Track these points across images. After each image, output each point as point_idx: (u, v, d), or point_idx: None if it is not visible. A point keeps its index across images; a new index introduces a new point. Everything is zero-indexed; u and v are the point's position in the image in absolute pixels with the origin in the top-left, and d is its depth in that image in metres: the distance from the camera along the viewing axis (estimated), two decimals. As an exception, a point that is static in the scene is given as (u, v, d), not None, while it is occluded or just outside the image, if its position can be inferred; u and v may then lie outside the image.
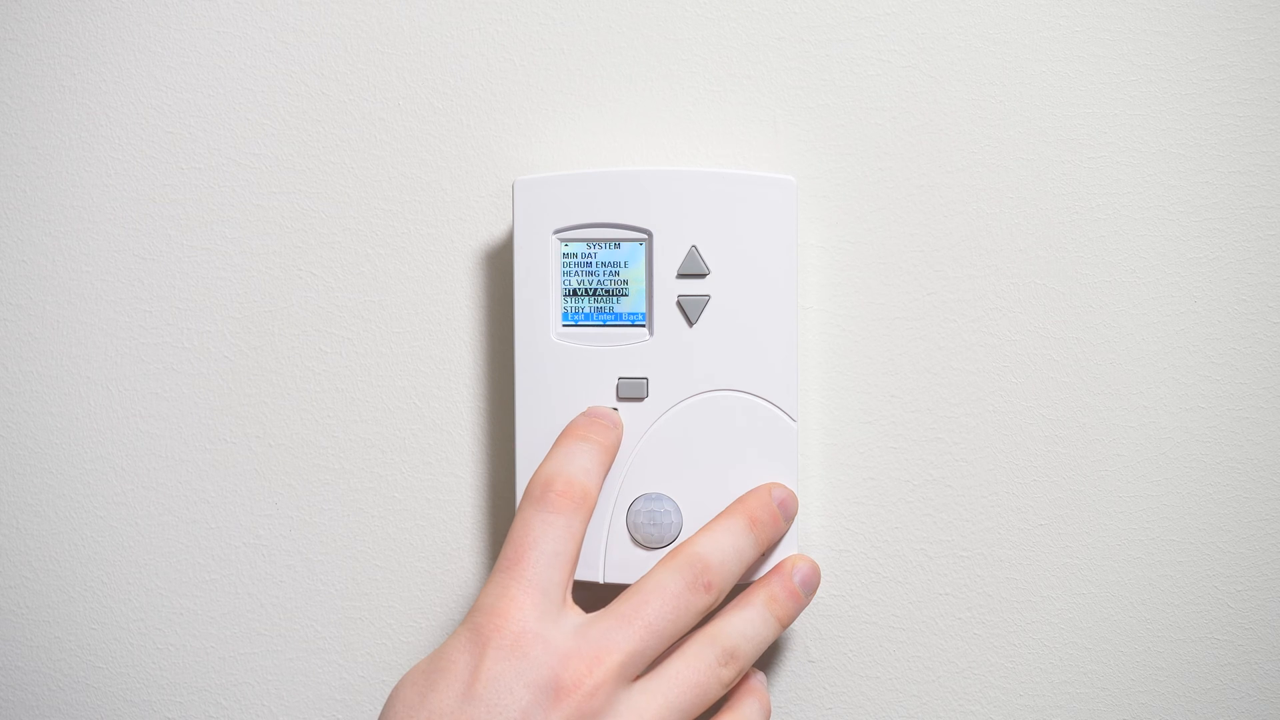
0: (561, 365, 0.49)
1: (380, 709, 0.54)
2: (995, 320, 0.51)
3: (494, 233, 0.52)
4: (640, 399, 0.48)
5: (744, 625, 0.46)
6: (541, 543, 0.44)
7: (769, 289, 0.48)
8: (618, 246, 0.49)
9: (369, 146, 0.53)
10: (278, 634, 0.54)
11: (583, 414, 0.48)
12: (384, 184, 0.53)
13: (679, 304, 0.48)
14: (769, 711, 0.48)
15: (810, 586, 0.48)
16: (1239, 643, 0.51)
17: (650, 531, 0.48)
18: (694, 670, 0.44)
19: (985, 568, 0.51)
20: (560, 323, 0.49)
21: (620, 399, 0.49)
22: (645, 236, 0.49)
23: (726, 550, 0.46)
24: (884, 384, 0.51)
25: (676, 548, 0.46)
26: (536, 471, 0.46)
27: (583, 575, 0.49)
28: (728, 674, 0.45)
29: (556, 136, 0.52)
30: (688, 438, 0.48)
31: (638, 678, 0.44)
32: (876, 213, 0.51)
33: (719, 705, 0.48)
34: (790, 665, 0.52)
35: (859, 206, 0.51)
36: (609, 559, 0.49)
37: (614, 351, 0.49)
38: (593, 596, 0.49)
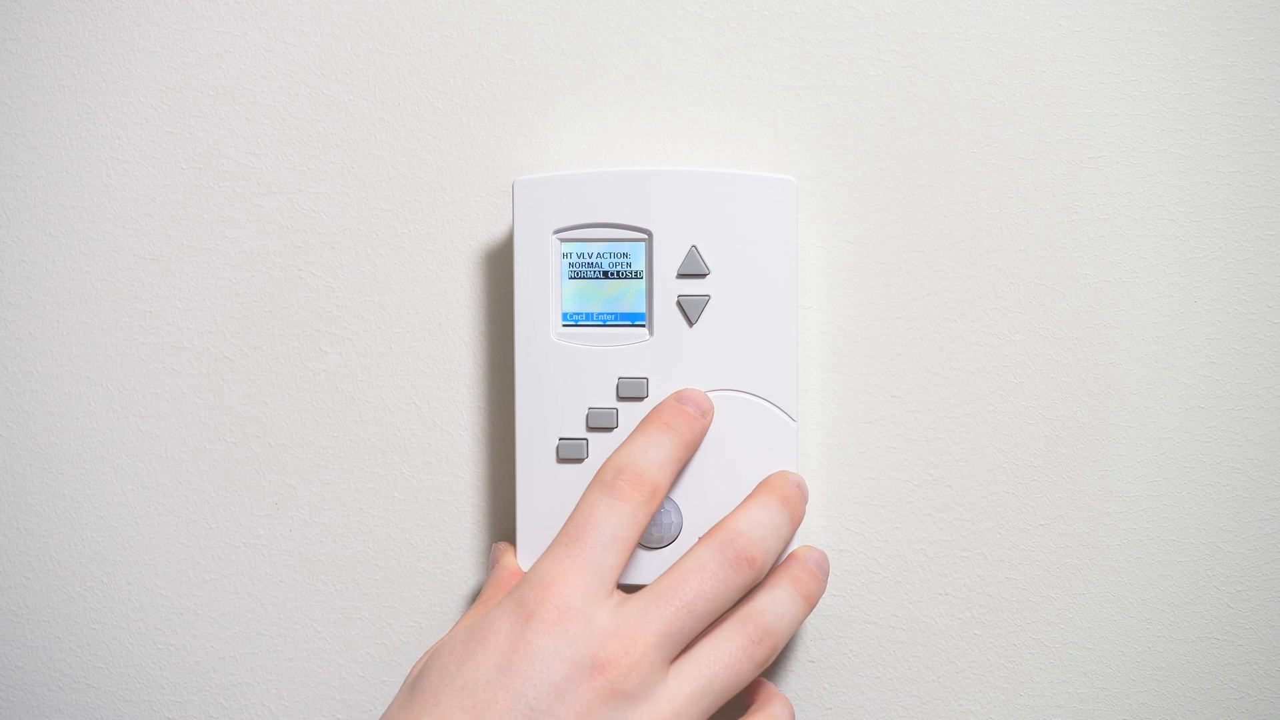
0: (561, 365, 0.49)
1: (395, 683, 0.54)
2: (995, 320, 0.51)
3: (494, 233, 0.52)
4: (640, 399, 0.48)
5: (774, 604, 0.46)
6: (603, 525, 0.44)
7: (769, 289, 0.48)
8: (618, 246, 0.49)
9: (369, 146, 0.53)
10: (278, 634, 0.54)
11: (674, 396, 0.48)
12: (384, 184, 0.53)
13: (679, 304, 0.48)
14: (793, 716, 0.48)
15: (825, 570, 0.48)
16: (1239, 643, 0.51)
17: (650, 531, 0.48)
18: (727, 652, 0.44)
19: (985, 568, 0.51)
20: (560, 322, 0.49)
21: (620, 399, 0.49)
22: (645, 236, 0.49)
23: (765, 525, 0.46)
24: (884, 384, 0.51)
25: (715, 526, 0.46)
26: (613, 455, 0.46)
27: (583, 575, 0.49)
28: (761, 653, 0.45)
29: (556, 136, 0.52)
30: (688, 438, 0.48)
31: (675, 659, 0.44)
32: (876, 213, 0.51)
33: (741, 711, 0.48)
34: (791, 665, 0.52)
35: (859, 206, 0.51)
36: (609, 559, 0.49)
37: (614, 351, 0.49)
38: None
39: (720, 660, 0.44)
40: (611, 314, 0.49)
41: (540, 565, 0.44)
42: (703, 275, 0.48)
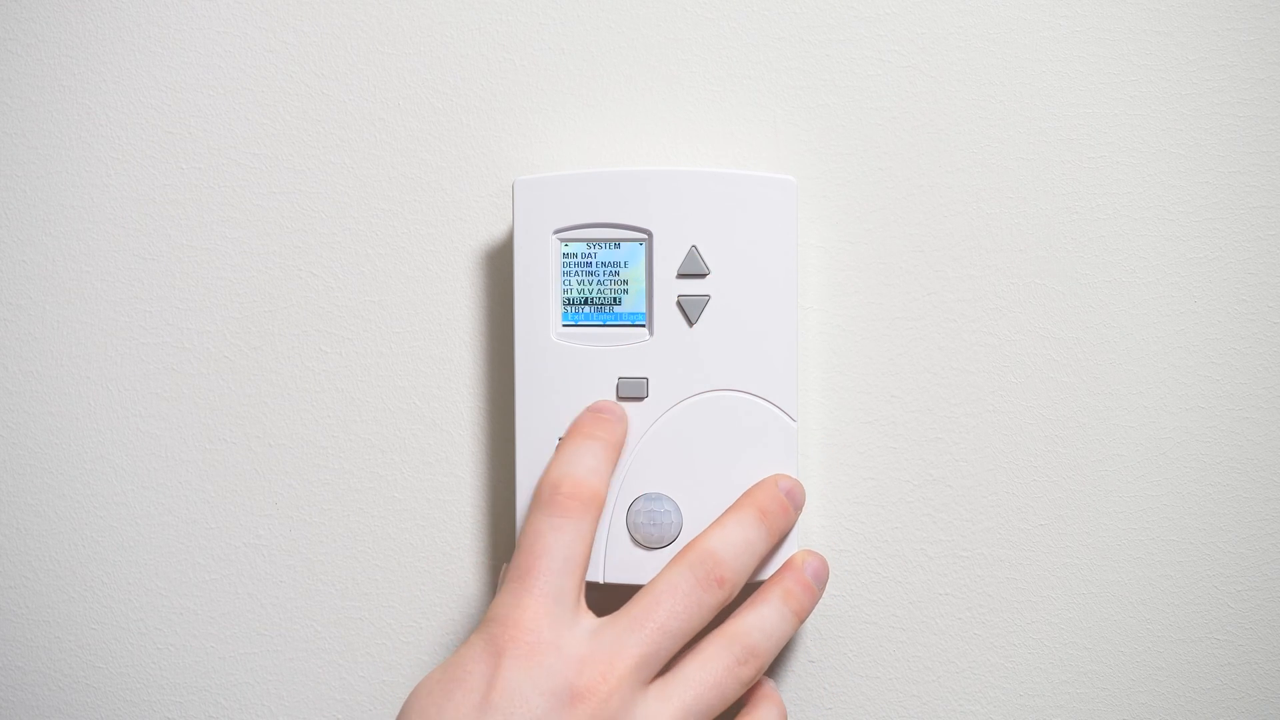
0: (561, 365, 0.49)
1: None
2: (995, 320, 0.51)
3: (494, 233, 0.52)
4: (640, 399, 0.48)
5: (761, 622, 0.46)
6: (553, 549, 0.44)
7: (769, 289, 0.48)
8: (618, 246, 0.49)
9: (369, 146, 0.53)
10: (278, 634, 0.54)
11: (587, 410, 0.48)
12: (384, 184, 0.53)
13: (679, 304, 0.48)
14: (785, 717, 0.48)
15: (822, 579, 0.48)
16: (1239, 643, 0.51)
17: (650, 531, 0.48)
18: (711, 672, 0.44)
19: (985, 568, 0.51)
20: (560, 323, 0.49)
21: (620, 399, 0.49)
22: (645, 236, 0.49)
23: (737, 544, 0.46)
24: (884, 384, 0.51)
25: (688, 545, 0.46)
26: (544, 474, 0.46)
27: (583, 575, 0.49)
28: (747, 672, 0.45)
29: (556, 136, 0.52)
30: (688, 438, 0.48)
31: (655, 679, 0.44)
32: (876, 213, 0.51)
33: (735, 710, 0.48)
34: (791, 665, 0.52)
35: (859, 206, 0.51)
36: (609, 559, 0.49)
37: (614, 351, 0.49)
38: (601, 596, 0.49)
39: (705, 681, 0.44)
40: (611, 314, 0.49)
41: (500, 602, 0.44)
42: (703, 275, 0.48)
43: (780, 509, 0.47)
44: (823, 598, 0.51)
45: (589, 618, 0.44)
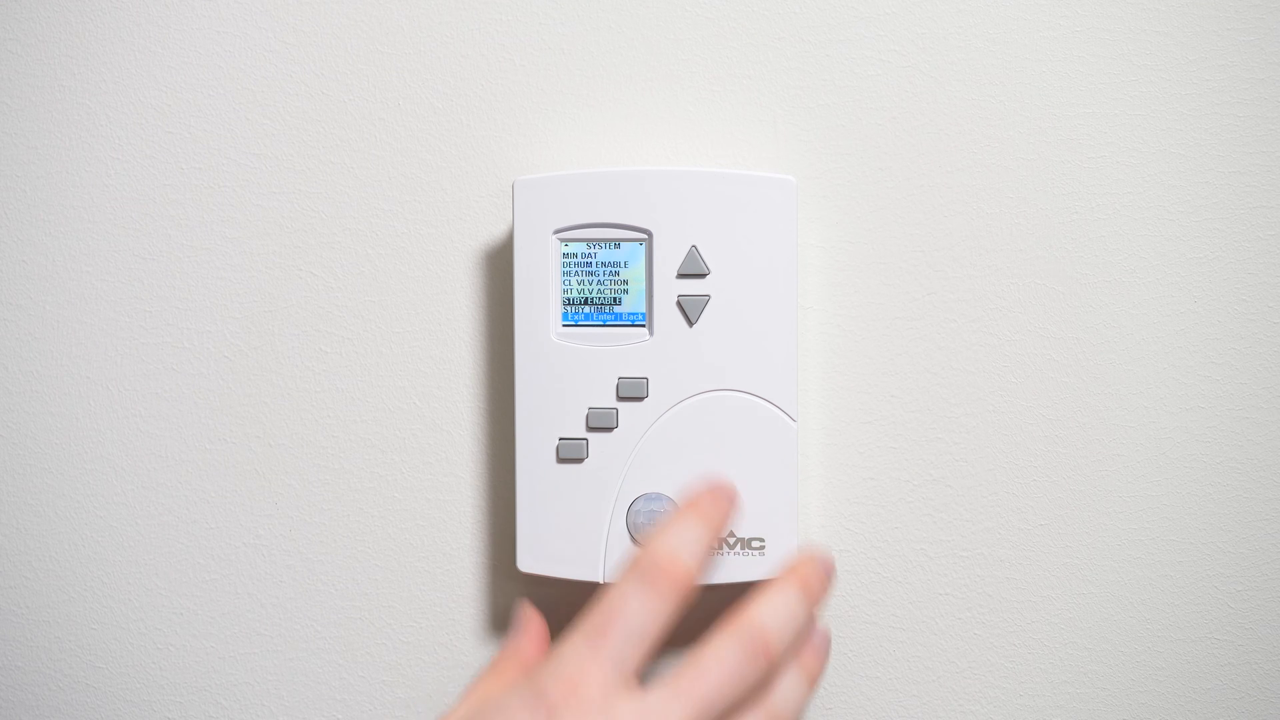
0: (561, 365, 0.49)
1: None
2: (995, 320, 0.51)
3: (494, 233, 0.52)
4: (640, 399, 0.48)
5: (785, 691, 0.47)
6: (631, 618, 0.44)
7: (769, 289, 0.48)
8: (618, 246, 0.49)
9: (369, 146, 0.53)
10: (278, 634, 0.54)
11: (709, 486, 0.48)
12: (384, 184, 0.53)
13: (679, 304, 0.48)
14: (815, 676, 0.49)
15: (828, 647, 0.50)
16: (1239, 643, 0.51)
17: (651, 531, 0.48)
18: None
19: (985, 568, 0.51)
20: (560, 323, 0.49)
21: (620, 399, 0.49)
22: (645, 236, 0.49)
23: (784, 617, 0.46)
24: (884, 384, 0.51)
25: (735, 615, 0.46)
26: (651, 544, 0.46)
27: (582, 575, 0.49)
28: None
29: (556, 136, 0.52)
30: (688, 438, 0.48)
31: None
32: (876, 213, 0.51)
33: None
34: (790, 665, 0.52)
35: (859, 206, 0.51)
36: (609, 559, 0.49)
37: (614, 351, 0.49)
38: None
39: None
40: (612, 314, 0.49)
41: (563, 656, 0.44)
42: (703, 275, 0.48)
43: (820, 585, 0.48)
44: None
45: (638, 686, 0.45)
